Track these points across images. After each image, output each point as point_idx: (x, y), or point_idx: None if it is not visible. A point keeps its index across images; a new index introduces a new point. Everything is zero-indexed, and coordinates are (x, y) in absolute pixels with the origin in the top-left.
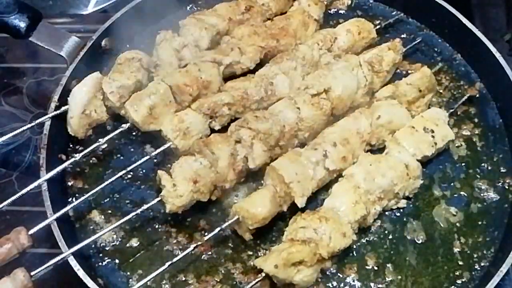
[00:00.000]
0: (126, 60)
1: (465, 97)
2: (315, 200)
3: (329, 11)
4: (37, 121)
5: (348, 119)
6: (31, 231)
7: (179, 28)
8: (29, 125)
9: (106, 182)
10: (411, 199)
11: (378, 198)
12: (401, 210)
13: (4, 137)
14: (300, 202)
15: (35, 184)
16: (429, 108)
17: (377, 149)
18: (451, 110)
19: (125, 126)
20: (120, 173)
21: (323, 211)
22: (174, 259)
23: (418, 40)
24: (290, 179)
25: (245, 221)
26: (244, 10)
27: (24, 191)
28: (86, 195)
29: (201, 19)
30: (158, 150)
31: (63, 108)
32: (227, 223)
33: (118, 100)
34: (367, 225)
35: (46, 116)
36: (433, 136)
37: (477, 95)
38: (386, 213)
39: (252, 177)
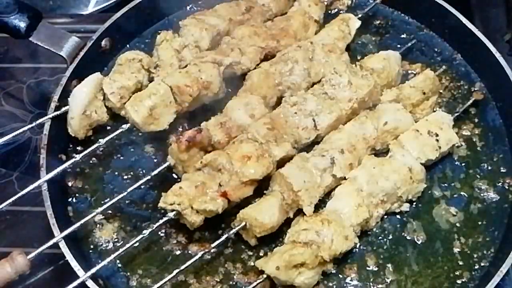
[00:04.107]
0: (127, 60)
1: (471, 101)
2: (317, 202)
3: (330, 12)
4: (37, 121)
5: (354, 123)
6: (35, 253)
7: (179, 28)
8: (29, 126)
9: (124, 193)
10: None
11: (381, 201)
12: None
13: (4, 138)
14: (308, 211)
15: (35, 184)
16: (434, 111)
17: (380, 152)
18: (456, 114)
19: (125, 126)
20: (141, 181)
21: (326, 213)
22: (182, 267)
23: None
24: (299, 187)
25: (253, 229)
26: (244, 11)
27: (24, 191)
28: (106, 205)
29: (201, 20)
30: None
31: (63, 109)
32: (233, 230)
33: (118, 101)
34: (369, 228)
35: (46, 117)
36: (437, 140)
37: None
38: (386, 213)
39: None
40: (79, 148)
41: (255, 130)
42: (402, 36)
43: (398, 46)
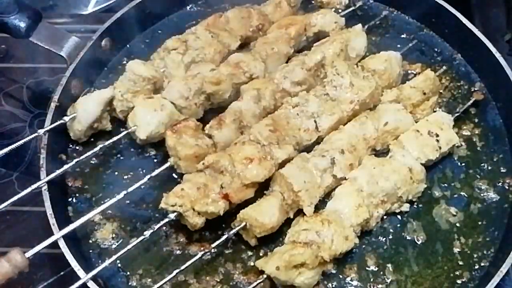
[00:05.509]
0: (141, 78)
1: (471, 101)
2: (318, 202)
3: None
4: (47, 127)
5: (355, 124)
6: (33, 250)
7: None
8: (35, 134)
9: (125, 192)
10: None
11: (381, 202)
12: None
13: (13, 146)
14: (309, 211)
15: (35, 185)
16: (434, 111)
17: (380, 152)
18: (456, 114)
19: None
20: (141, 182)
21: (326, 213)
22: (182, 267)
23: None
24: (299, 187)
25: (253, 229)
26: (256, 29)
27: (23, 192)
28: (106, 204)
29: (215, 34)
30: None
31: (70, 116)
32: (234, 230)
33: (125, 116)
34: (369, 228)
35: (54, 124)
36: (437, 140)
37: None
38: (386, 213)
39: None
40: (79, 148)
41: (258, 132)
42: (402, 36)
43: (398, 46)
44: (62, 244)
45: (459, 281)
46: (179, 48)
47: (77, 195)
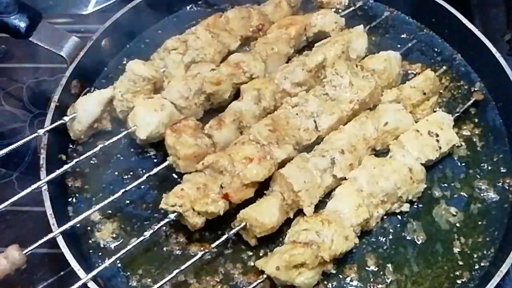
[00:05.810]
0: (141, 78)
1: (471, 101)
2: (318, 202)
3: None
4: (47, 127)
5: (355, 124)
6: (31, 247)
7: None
8: (35, 134)
9: (123, 190)
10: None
11: (381, 202)
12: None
13: (12, 146)
14: (309, 211)
15: (35, 185)
16: (434, 111)
17: (380, 152)
18: (456, 114)
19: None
20: (139, 180)
21: (326, 213)
22: (182, 267)
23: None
24: (299, 187)
25: (253, 229)
26: (256, 29)
27: (23, 192)
28: (105, 202)
29: (215, 35)
30: None
31: (71, 116)
32: (234, 230)
33: (125, 116)
34: (369, 228)
35: (53, 125)
36: (437, 140)
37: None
38: (386, 213)
39: None
40: (79, 148)
41: (257, 132)
42: (402, 36)
43: (398, 46)
44: (62, 244)
45: (459, 281)
46: (179, 48)
47: (77, 195)
